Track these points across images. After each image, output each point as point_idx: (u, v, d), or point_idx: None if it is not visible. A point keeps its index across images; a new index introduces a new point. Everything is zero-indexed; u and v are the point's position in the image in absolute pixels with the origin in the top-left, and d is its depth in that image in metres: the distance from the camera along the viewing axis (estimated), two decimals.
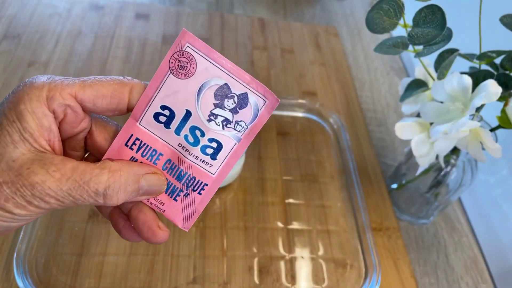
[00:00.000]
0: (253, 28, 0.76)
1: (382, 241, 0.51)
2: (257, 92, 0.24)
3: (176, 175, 0.26)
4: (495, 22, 0.39)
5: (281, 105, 0.62)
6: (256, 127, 0.25)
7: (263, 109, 0.25)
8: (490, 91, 0.36)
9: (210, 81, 0.24)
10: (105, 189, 0.22)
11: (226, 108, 0.24)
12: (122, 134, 0.25)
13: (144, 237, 0.25)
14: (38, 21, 0.67)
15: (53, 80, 0.22)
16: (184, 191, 0.26)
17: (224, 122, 0.25)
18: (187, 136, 0.25)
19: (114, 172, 0.23)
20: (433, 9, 0.37)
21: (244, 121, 0.25)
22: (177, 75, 0.24)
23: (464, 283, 0.51)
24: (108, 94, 0.23)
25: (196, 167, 0.26)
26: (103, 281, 0.42)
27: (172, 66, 0.23)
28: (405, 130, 0.44)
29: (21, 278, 0.40)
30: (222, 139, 0.25)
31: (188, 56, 0.23)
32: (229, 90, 0.24)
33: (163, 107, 0.24)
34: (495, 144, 0.39)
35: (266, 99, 0.24)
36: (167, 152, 0.25)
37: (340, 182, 0.56)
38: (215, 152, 0.25)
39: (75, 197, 0.22)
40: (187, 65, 0.23)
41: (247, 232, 0.49)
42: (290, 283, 0.46)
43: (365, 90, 0.71)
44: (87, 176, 0.22)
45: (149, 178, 0.24)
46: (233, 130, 0.25)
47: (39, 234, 0.44)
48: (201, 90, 0.24)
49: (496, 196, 0.55)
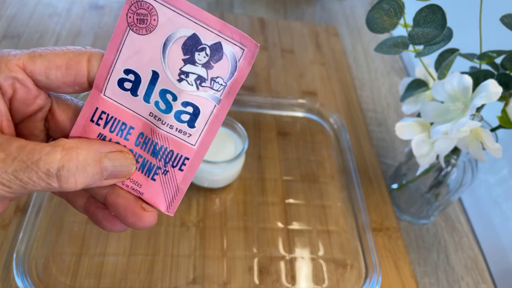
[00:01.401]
0: (253, 27, 0.76)
1: (382, 241, 0.51)
2: (232, 40, 0.20)
3: (151, 150, 0.22)
4: (496, 21, 0.39)
5: (281, 105, 0.62)
6: (237, 83, 0.21)
7: (242, 60, 0.21)
8: (490, 91, 0.36)
9: (176, 33, 0.20)
10: (58, 169, 0.19)
11: (198, 64, 0.21)
12: (86, 108, 0.22)
13: (128, 223, 0.22)
14: (38, 21, 0.67)
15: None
16: (162, 168, 0.22)
17: (198, 80, 0.21)
18: (158, 102, 0.21)
19: (70, 149, 0.19)
20: (433, 8, 0.37)
21: (222, 77, 0.21)
22: (137, 31, 0.20)
23: (465, 283, 0.51)
24: (63, 64, 0.20)
25: (173, 138, 0.22)
26: (102, 281, 0.42)
27: (131, 21, 0.20)
28: (406, 130, 0.43)
29: (20, 278, 0.40)
30: (198, 102, 0.21)
31: (147, 6, 0.20)
32: (199, 41, 0.20)
33: (126, 71, 0.21)
34: (496, 144, 0.39)
35: (244, 47, 0.21)
36: (138, 124, 0.22)
37: (340, 182, 0.56)
38: (192, 118, 0.22)
39: (23, 180, 0.19)
40: (147, 18, 0.20)
41: (247, 232, 0.49)
42: (290, 284, 0.45)
43: (365, 90, 0.71)
44: (36, 155, 0.19)
45: (113, 156, 0.21)
46: (209, 90, 0.21)
47: (39, 234, 0.44)
48: (167, 45, 0.21)
49: (496, 196, 0.55)
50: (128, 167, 0.22)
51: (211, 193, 0.51)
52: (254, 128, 0.59)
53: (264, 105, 0.62)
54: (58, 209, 0.46)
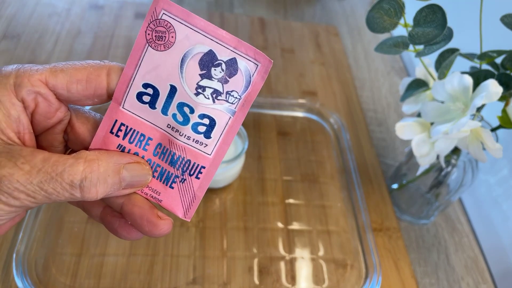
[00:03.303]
0: (253, 27, 0.76)
1: (383, 241, 0.51)
2: (246, 56, 0.22)
3: (169, 159, 0.24)
4: (496, 21, 0.39)
5: (281, 105, 0.62)
6: (251, 96, 0.22)
7: (255, 75, 0.22)
8: (490, 91, 0.36)
9: (193, 50, 0.21)
10: (81, 180, 0.20)
11: (214, 78, 0.22)
12: (105, 121, 0.23)
13: (145, 231, 0.23)
14: (38, 21, 0.67)
15: (22, 67, 0.21)
16: (180, 177, 0.24)
17: (214, 94, 0.22)
18: (176, 115, 0.23)
19: (91, 161, 0.21)
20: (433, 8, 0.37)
21: (236, 91, 0.22)
22: (155, 47, 0.21)
23: (465, 283, 0.50)
24: (83, 78, 0.21)
25: (190, 148, 0.23)
26: (102, 282, 0.42)
27: (150, 38, 0.21)
28: (406, 130, 0.43)
29: (20, 279, 0.40)
30: (214, 114, 0.23)
31: (166, 24, 0.21)
32: (215, 57, 0.21)
33: (145, 85, 0.22)
34: (496, 144, 0.39)
35: (257, 63, 0.22)
36: (156, 135, 0.23)
37: (341, 182, 0.56)
38: (209, 129, 0.23)
39: (48, 191, 0.20)
40: (166, 35, 0.21)
41: (247, 232, 0.49)
42: (290, 284, 0.45)
43: (365, 90, 0.71)
44: (60, 167, 0.20)
45: (130, 167, 0.22)
46: (225, 103, 0.22)
47: (39, 234, 0.44)
48: (184, 60, 0.21)
49: (496, 196, 0.55)
50: (145, 177, 0.23)
51: (211, 193, 0.51)
52: (254, 128, 0.59)
53: (264, 105, 0.62)
54: (58, 209, 0.46)
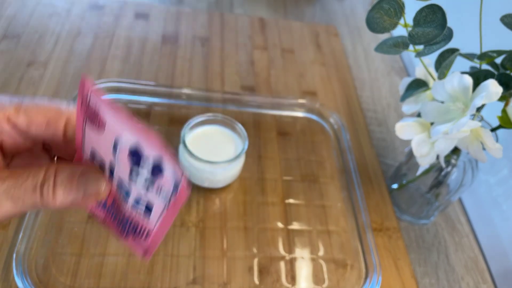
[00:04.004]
0: (253, 27, 0.76)
1: (383, 241, 0.51)
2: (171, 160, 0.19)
3: (121, 216, 0.24)
4: (496, 21, 0.39)
5: (281, 105, 0.62)
6: (180, 199, 0.20)
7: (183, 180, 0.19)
8: (490, 91, 0.36)
9: (121, 138, 0.20)
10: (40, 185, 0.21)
11: (144, 168, 0.20)
12: (77, 153, 0.24)
13: None
14: (38, 21, 0.67)
15: None
16: (131, 233, 0.24)
17: (146, 182, 0.21)
18: (120, 185, 0.22)
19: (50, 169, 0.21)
20: (433, 8, 0.37)
21: (165, 188, 0.20)
22: (91, 125, 0.21)
23: (465, 283, 0.50)
24: (43, 122, 0.22)
25: (135, 215, 0.23)
26: (102, 282, 0.42)
27: (85, 115, 0.21)
28: (406, 130, 0.43)
29: (20, 279, 0.40)
30: (150, 199, 0.21)
31: (94, 104, 0.20)
32: (142, 149, 0.20)
33: (92, 152, 0.22)
34: (496, 144, 0.39)
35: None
36: (112, 190, 0.23)
37: (341, 182, 0.56)
38: (146, 211, 0.22)
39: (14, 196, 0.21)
40: (96, 118, 0.20)
41: (247, 232, 0.49)
42: (290, 284, 0.45)
43: (365, 90, 0.71)
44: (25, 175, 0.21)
45: (85, 173, 0.22)
46: (158, 191, 0.21)
47: (39, 234, 0.44)
48: (116, 145, 0.20)
49: (496, 196, 0.55)
50: (98, 180, 0.23)
51: (211, 193, 0.51)
52: (254, 128, 0.59)
53: (264, 105, 0.62)
54: (58, 209, 0.46)
